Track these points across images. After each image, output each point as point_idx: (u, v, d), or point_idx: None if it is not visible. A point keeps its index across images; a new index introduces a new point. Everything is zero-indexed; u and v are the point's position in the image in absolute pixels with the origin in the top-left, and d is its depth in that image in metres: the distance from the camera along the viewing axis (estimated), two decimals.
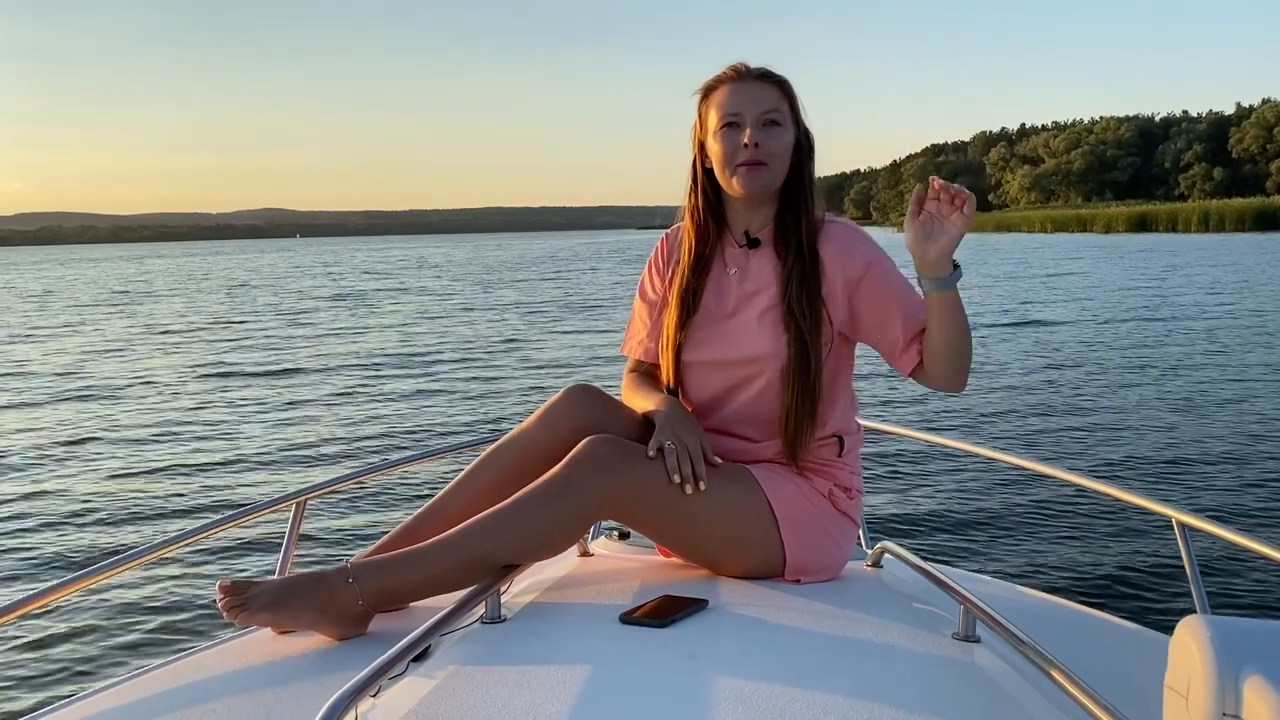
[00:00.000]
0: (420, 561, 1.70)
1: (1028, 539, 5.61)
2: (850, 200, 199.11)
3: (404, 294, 28.96)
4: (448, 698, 1.33)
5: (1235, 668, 1.02)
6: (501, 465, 1.88)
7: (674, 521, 1.83)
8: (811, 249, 1.91)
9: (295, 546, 2.06)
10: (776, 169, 1.92)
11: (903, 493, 6.52)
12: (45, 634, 4.52)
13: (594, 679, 1.39)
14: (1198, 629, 1.07)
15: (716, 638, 1.55)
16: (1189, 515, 1.89)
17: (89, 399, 11.39)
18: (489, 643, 1.54)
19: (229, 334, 18.57)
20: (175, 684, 1.58)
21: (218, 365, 14.12)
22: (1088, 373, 11.48)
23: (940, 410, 9.51)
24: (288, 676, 1.55)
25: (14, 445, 8.85)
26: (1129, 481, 6.66)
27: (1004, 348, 13.63)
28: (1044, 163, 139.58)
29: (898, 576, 1.95)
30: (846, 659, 1.48)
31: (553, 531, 1.74)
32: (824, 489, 1.91)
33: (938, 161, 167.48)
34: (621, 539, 2.26)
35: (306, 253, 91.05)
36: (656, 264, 2.10)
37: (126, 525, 6.35)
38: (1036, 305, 19.94)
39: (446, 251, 67.40)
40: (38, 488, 7.31)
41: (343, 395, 11.27)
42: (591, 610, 1.69)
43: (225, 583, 1.66)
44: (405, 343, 16.39)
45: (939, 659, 1.50)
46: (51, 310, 26.38)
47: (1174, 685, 1.09)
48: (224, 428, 9.46)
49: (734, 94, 1.92)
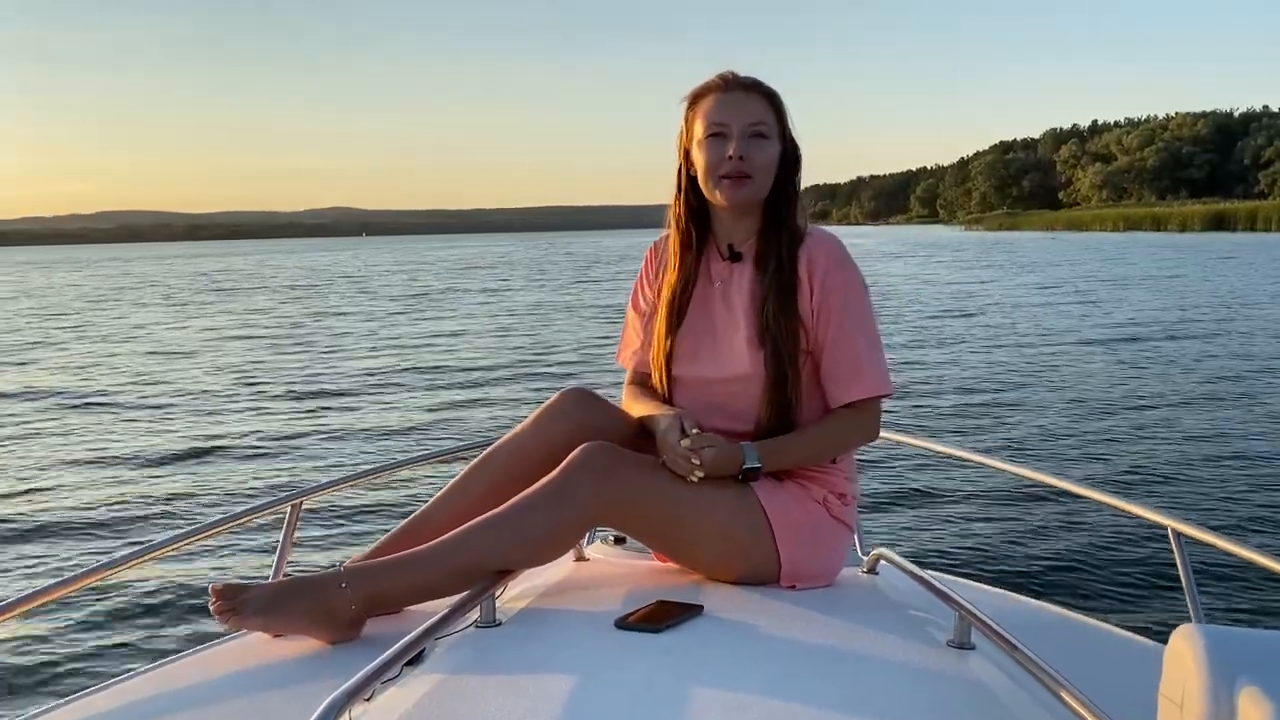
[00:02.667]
0: (415, 566, 1.70)
1: (1023, 546, 5.61)
2: (916, 198, 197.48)
3: (423, 295, 28.87)
4: (441, 702, 1.33)
5: (1230, 677, 1.01)
6: (497, 469, 1.88)
7: (669, 528, 1.82)
8: (791, 264, 1.90)
9: (290, 549, 2.05)
10: (760, 182, 1.91)
11: (898, 499, 6.52)
12: (38, 635, 4.51)
13: (588, 684, 1.39)
14: (1193, 638, 1.07)
15: (711, 644, 1.55)
16: (1184, 524, 1.89)
17: (88, 399, 11.37)
18: (483, 647, 1.54)
19: (229, 335, 18.55)
20: (167, 687, 1.57)
21: (217, 366, 14.11)
22: (1084, 377, 11.49)
23: (936, 417, 9.52)
24: (281, 680, 1.55)
25: (11, 446, 8.83)
26: (1125, 489, 6.67)
27: (1002, 353, 13.65)
28: (1116, 160, 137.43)
29: (893, 583, 1.95)
30: (841, 666, 1.48)
31: (548, 537, 1.74)
32: (818, 495, 1.91)
33: (1006, 158, 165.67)
34: (617, 544, 2.26)
35: (361, 251, 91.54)
36: (647, 273, 2.10)
37: (120, 527, 6.33)
38: (1042, 308, 19.96)
39: (509, 251, 67.60)
40: (32, 489, 7.30)
41: (342, 396, 11.26)
42: (586, 615, 1.69)
43: (218, 586, 1.66)
44: (420, 347, 16.36)
45: (934, 666, 1.50)
46: (49, 311, 26.36)
47: (1169, 694, 1.08)
48: (220, 429, 9.45)
49: (721, 104, 1.91)
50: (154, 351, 16.16)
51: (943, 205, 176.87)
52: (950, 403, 10.22)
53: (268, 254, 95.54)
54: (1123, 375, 11.84)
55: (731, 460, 1.82)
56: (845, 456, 1.97)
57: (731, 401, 1.93)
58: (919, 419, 9.45)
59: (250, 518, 2.09)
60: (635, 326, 2.11)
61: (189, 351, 16.01)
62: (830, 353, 1.90)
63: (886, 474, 6.99)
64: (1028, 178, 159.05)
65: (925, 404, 10.07)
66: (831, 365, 1.90)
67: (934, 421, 9.34)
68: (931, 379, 11.68)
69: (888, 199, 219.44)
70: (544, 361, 14.10)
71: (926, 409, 9.88)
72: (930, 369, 12.42)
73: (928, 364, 12.83)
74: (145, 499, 6.97)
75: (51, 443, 8.99)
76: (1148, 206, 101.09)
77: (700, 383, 1.96)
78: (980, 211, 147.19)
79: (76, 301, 30.42)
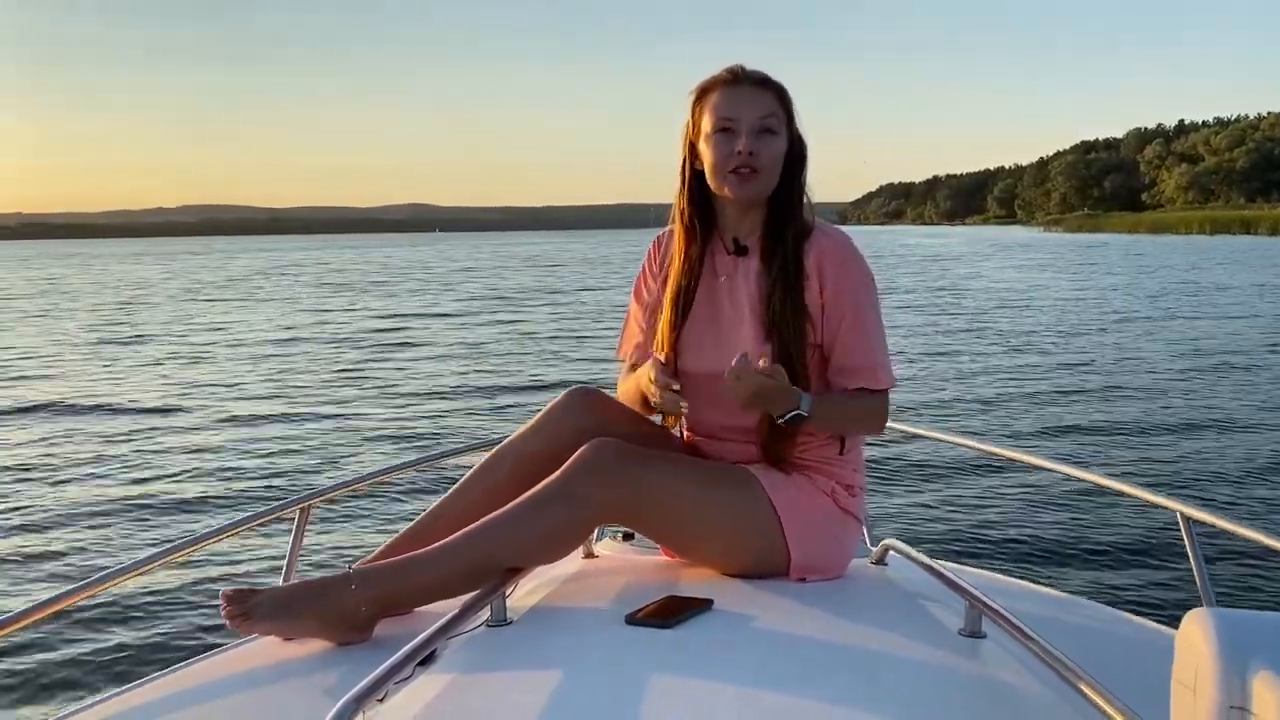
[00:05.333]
0: (424, 567, 1.70)
1: (1032, 534, 5.61)
2: (993, 198, 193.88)
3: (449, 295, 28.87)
4: (454, 701, 1.33)
5: (1242, 661, 1.01)
6: (504, 469, 1.88)
7: (677, 524, 1.83)
8: (797, 259, 1.90)
9: (300, 553, 2.06)
10: (768, 177, 1.91)
11: (906, 489, 6.51)
12: (50, 642, 4.52)
13: (600, 681, 1.39)
14: (1204, 622, 1.06)
15: (722, 638, 1.55)
16: (1194, 509, 1.89)
17: (85, 402, 11.39)
18: (494, 646, 1.54)
19: (235, 337, 18.57)
20: (179, 692, 1.58)
21: (219, 368, 14.12)
22: (1095, 366, 11.47)
23: (943, 406, 9.51)
24: (293, 683, 1.55)
25: (17, 452, 8.85)
26: (1134, 475, 6.66)
27: (1017, 342, 13.63)
28: (1203, 161, 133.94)
29: (903, 574, 1.95)
30: (853, 657, 1.48)
31: (556, 536, 1.74)
32: (826, 487, 1.91)
33: (1087, 159, 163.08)
34: (626, 540, 2.26)
35: (430, 247, 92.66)
36: (650, 267, 2.10)
37: (130, 532, 6.34)
38: (1056, 304, 19.95)
39: (586, 249, 68.01)
40: (42, 494, 7.31)
41: (343, 398, 11.27)
42: (596, 612, 1.69)
43: (228, 591, 1.66)
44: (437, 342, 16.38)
45: (946, 655, 1.49)
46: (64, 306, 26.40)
47: (1181, 679, 1.08)
48: (227, 434, 9.46)
49: (729, 98, 1.90)
50: (171, 355, 16.18)
51: (1021, 206, 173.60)
52: (954, 396, 10.21)
53: (340, 249, 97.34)
54: (1139, 365, 11.82)
55: (783, 396, 1.79)
56: (852, 448, 1.97)
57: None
58: (923, 412, 9.43)
59: (259, 522, 2.10)
60: (638, 319, 2.11)
61: (189, 353, 16.03)
62: (840, 346, 1.90)
63: (894, 464, 6.99)
64: (1109, 178, 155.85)
65: (928, 399, 10.06)
66: (841, 358, 1.91)
67: (938, 413, 9.32)
68: (949, 370, 11.67)
69: (964, 199, 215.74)
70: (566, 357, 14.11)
71: (929, 404, 9.87)
72: (950, 360, 12.40)
73: (950, 355, 12.82)
74: (152, 504, 6.98)
75: (55, 448, 9.00)
76: (1236, 209, 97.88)
77: (705, 376, 1.96)
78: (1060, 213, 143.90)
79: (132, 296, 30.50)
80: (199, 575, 5.29)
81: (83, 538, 6.28)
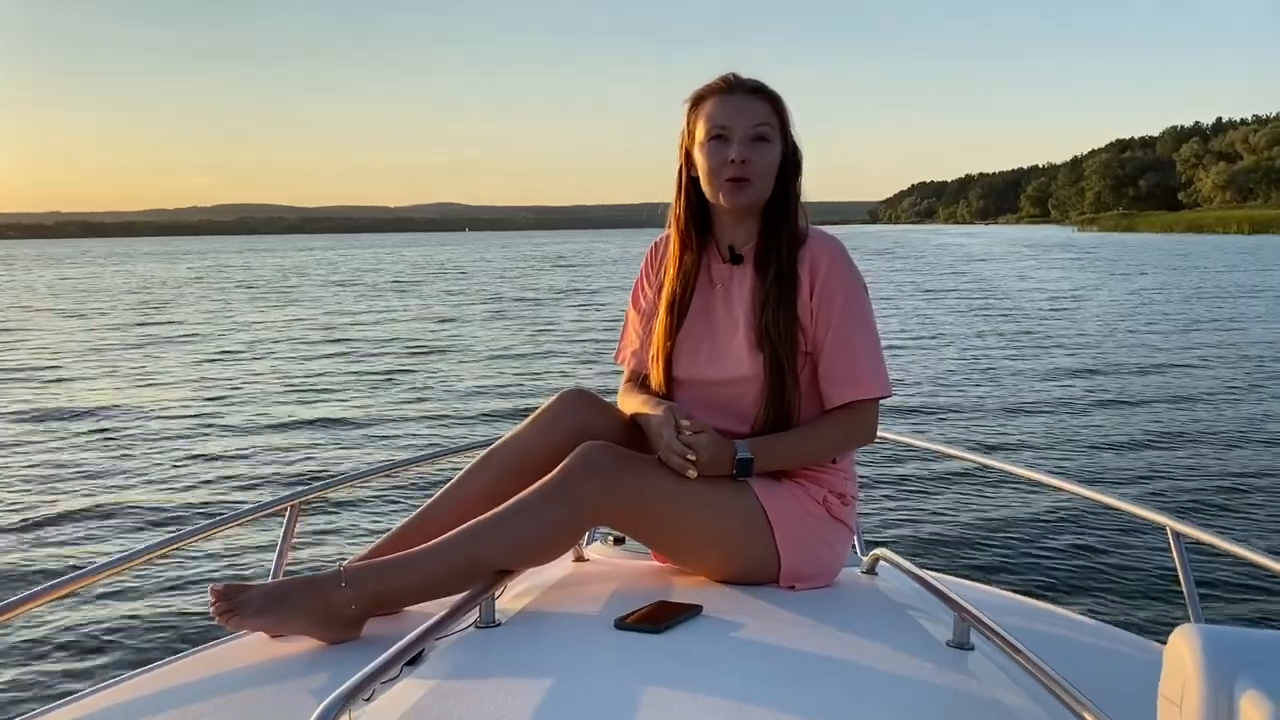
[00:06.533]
0: (414, 566, 1.70)
1: (1022, 547, 5.62)
2: (1026, 197, 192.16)
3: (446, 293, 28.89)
4: (441, 702, 1.33)
5: (1229, 677, 1.01)
6: (496, 470, 1.88)
7: (669, 528, 1.82)
8: (792, 266, 1.91)
9: (290, 550, 2.05)
10: (762, 185, 1.91)
11: (898, 499, 6.52)
12: (36, 637, 4.51)
13: (588, 685, 1.39)
14: (1192, 638, 1.07)
15: (711, 644, 1.55)
16: (1183, 524, 1.89)
17: (84, 403, 11.37)
18: (483, 647, 1.54)
19: (231, 336, 18.53)
20: (166, 687, 1.57)
21: (214, 366, 14.10)
22: (1087, 376, 11.49)
23: (936, 417, 9.52)
24: (280, 680, 1.55)
25: (7, 446, 8.82)
26: (1123, 490, 6.67)
27: (1009, 352, 13.64)
28: (1242, 159, 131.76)
29: (892, 584, 1.95)
30: (840, 666, 1.48)
31: (547, 538, 1.74)
32: (818, 495, 1.91)
33: (1122, 157, 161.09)
34: (617, 544, 2.26)
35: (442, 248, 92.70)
36: (646, 273, 2.11)
37: (120, 527, 6.33)
38: (1054, 310, 19.97)
39: (612, 248, 68.12)
40: (31, 489, 7.29)
41: (340, 397, 11.25)
42: (586, 615, 1.69)
43: (217, 587, 1.65)
44: (433, 338, 16.37)
45: (933, 666, 1.49)
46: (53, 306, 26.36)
47: (1168, 694, 1.08)
48: (218, 430, 9.45)
49: (723, 106, 1.91)
50: (171, 355, 16.15)
51: (1054, 205, 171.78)
52: (947, 407, 10.22)
53: (364, 248, 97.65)
54: (1128, 377, 11.84)
55: (723, 454, 1.82)
56: (845, 456, 1.97)
57: (731, 403, 1.93)
58: (915, 423, 9.44)
59: (250, 518, 2.09)
60: (635, 325, 2.11)
61: (187, 353, 16.00)
62: (828, 354, 1.90)
63: (886, 474, 6.99)
64: (1145, 177, 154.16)
65: (921, 410, 10.06)
66: (829, 367, 1.90)
67: (931, 424, 9.33)
68: (942, 380, 11.68)
69: (997, 197, 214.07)
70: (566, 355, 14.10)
71: (922, 415, 9.87)
72: (944, 370, 12.42)
73: (942, 364, 12.84)
74: (143, 499, 6.97)
75: (45, 442, 8.98)
76: (1276, 208, 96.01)
77: (700, 384, 1.96)
78: (1094, 212, 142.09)
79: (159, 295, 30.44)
80: (189, 571, 5.28)
81: (71, 533, 6.27)
